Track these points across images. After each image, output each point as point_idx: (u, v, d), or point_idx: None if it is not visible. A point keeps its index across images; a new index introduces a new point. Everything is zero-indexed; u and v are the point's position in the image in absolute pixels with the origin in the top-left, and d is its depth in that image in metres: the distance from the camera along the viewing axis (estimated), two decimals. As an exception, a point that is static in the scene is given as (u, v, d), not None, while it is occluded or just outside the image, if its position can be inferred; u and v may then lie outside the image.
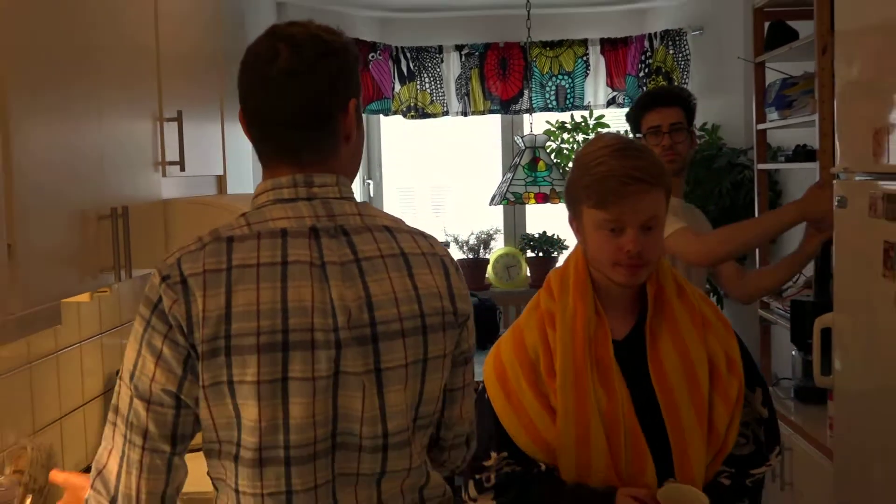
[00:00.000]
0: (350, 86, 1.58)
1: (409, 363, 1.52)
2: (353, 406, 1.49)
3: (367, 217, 1.57)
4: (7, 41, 1.58)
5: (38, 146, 1.68)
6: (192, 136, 2.51)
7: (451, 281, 1.60)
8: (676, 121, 3.15)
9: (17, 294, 1.58)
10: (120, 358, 2.92)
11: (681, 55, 5.86)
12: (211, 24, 2.83)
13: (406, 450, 1.54)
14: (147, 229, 2.26)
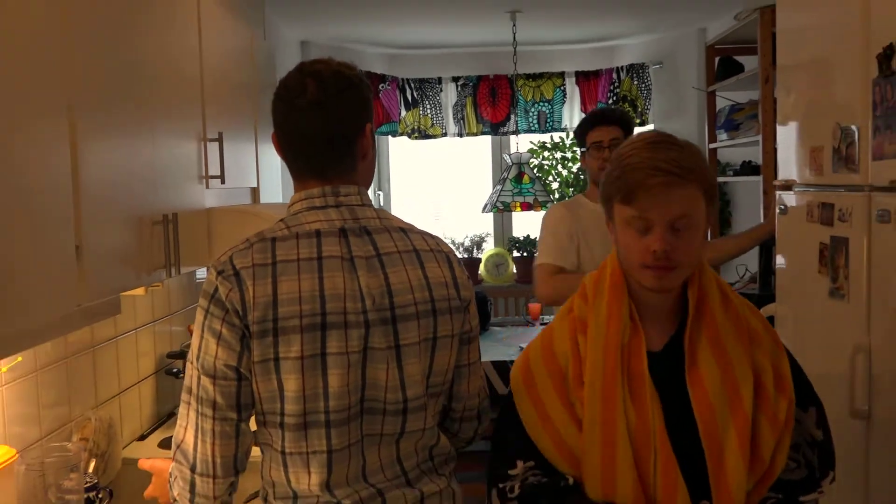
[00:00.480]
0: (365, 113, 1.61)
1: (421, 340, 1.54)
2: (379, 376, 1.50)
3: (384, 220, 1.61)
4: (78, 75, 1.57)
5: (102, 163, 1.67)
6: (230, 154, 2.51)
7: (454, 272, 1.62)
8: (615, 137, 3.06)
9: (83, 288, 1.58)
10: (169, 342, 2.93)
11: (644, 85, 5.86)
12: (246, 60, 2.82)
13: (421, 413, 1.55)
14: (193, 233, 2.25)
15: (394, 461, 1.55)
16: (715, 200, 1.53)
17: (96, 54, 1.68)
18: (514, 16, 4.92)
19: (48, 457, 1.93)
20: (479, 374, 1.72)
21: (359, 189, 1.60)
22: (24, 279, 1.38)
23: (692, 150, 1.50)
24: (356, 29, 5.32)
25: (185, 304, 3.13)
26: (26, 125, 1.40)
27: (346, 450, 1.50)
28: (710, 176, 1.51)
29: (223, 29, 2.59)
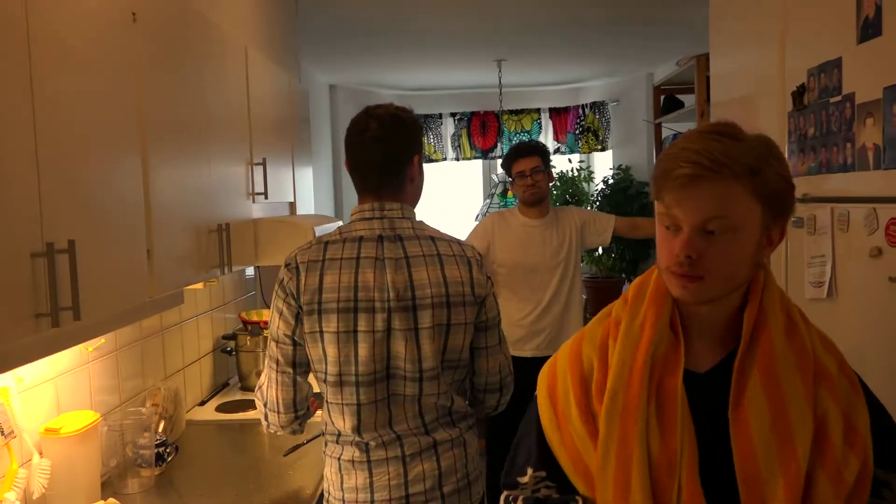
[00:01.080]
0: (414, 147, 1.67)
1: (434, 325, 1.58)
2: (399, 350, 1.57)
3: (417, 230, 1.65)
4: (149, 116, 1.56)
5: (168, 182, 1.67)
6: (272, 174, 2.50)
7: (472, 273, 1.63)
8: (535, 165, 3.03)
9: (152, 284, 1.57)
10: (223, 326, 2.92)
11: (604, 118, 5.85)
12: (285, 100, 2.81)
13: (435, 381, 1.59)
14: (241, 239, 2.24)
15: (416, 415, 1.60)
16: (783, 210, 1.03)
17: (164, 98, 1.67)
18: (500, 64, 4.91)
19: (126, 419, 1.93)
20: (498, 355, 1.71)
21: (402, 205, 1.66)
22: (107, 277, 1.37)
23: (749, 145, 0.99)
24: (374, 75, 5.31)
25: (236, 295, 3.11)
26: (108, 155, 1.39)
27: (374, 404, 1.58)
28: (775, 179, 1.00)
29: (266, 75, 2.58)
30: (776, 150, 1.03)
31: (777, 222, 1.03)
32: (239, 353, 2.82)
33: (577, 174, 5.83)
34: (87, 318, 1.24)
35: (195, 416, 2.53)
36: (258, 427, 2.44)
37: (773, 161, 1.01)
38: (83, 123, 1.30)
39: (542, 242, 3.05)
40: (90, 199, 1.32)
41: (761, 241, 1.04)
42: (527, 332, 3.02)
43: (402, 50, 4.48)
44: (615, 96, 5.81)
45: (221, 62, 2.11)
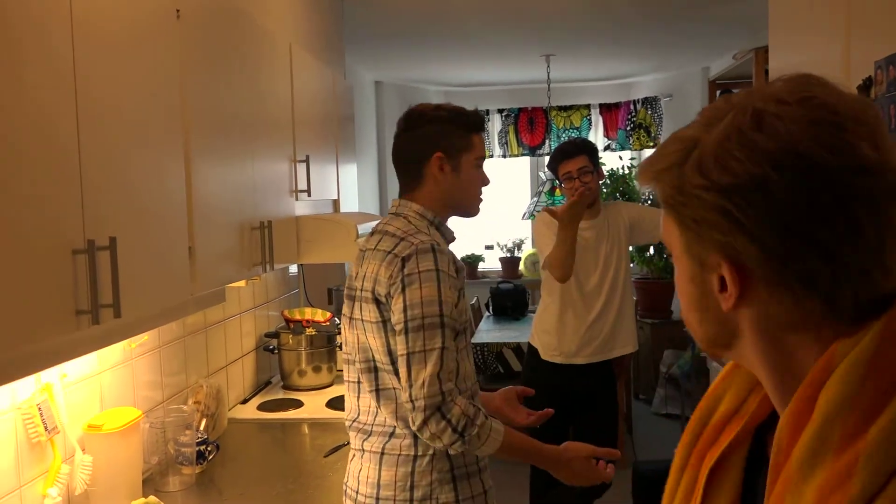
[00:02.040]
0: (432, 144, 1.65)
1: (354, 318, 1.63)
2: (349, 336, 1.66)
3: (386, 225, 1.65)
4: (192, 112, 1.58)
5: (210, 180, 1.68)
6: (315, 172, 2.51)
7: (381, 269, 1.56)
8: (583, 166, 2.89)
9: (194, 281, 1.58)
10: (267, 324, 2.94)
11: (656, 114, 5.75)
12: (329, 96, 2.82)
13: (365, 375, 1.62)
14: (284, 236, 2.25)
15: (364, 405, 1.66)
16: (711, 238, 0.65)
17: (207, 95, 1.69)
18: (549, 59, 4.86)
19: (168, 416, 1.95)
20: (403, 367, 1.50)
21: (401, 202, 1.68)
22: (148, 274, 1.38)
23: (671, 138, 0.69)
24: (420, 71, 5.31)
25: (279, 293, 3.14)
26: (151, 152, 1.41)
27: (348, 384, 1.70)
28: (679, 173, 0.66)
29: (311, 71, 2.60)
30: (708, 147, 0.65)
31: (687, 240, 0.68)
32: (281, 351, 2.84)
33: (629, 172, 5.74)
34: (127, 316, 1.26)
35: (237, 414, 2.55)
36: (300, 426, 2.46)
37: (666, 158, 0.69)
38: (126, 119, 1.32)
39: (597, 246, 2.96)
40: (132, 195, 1.33)
41: (702, 279, 0.68)
42: (579, 340, 2.96)
43: (448, 45, 4.47)
44: (668, 91, 5.70)
45: (265, 60, 2.13)
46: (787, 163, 0.61)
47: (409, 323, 1.50)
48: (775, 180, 0.61)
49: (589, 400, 2.97)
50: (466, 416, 1.50)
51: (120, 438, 1.73)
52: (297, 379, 2.82)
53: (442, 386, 1.48)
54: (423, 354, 1.49)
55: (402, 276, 1.52)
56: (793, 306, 0.63)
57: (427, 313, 1.50)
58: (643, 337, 5.32)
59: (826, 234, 0.61)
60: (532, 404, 1.92)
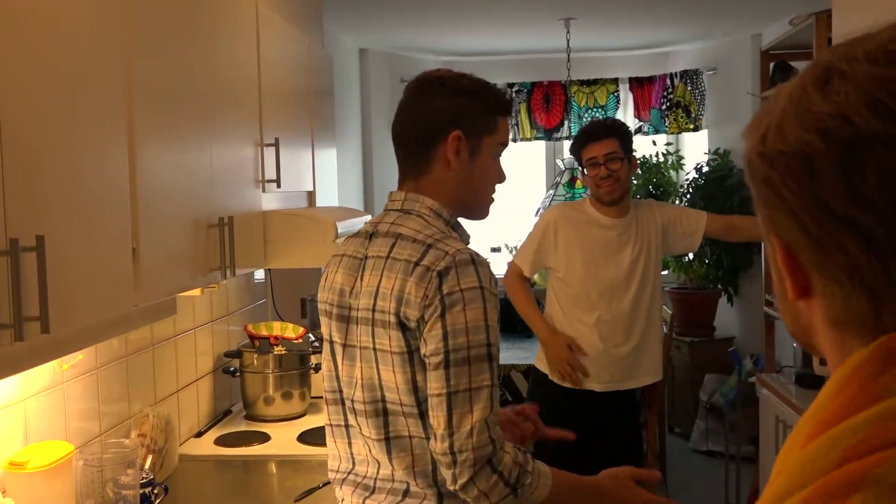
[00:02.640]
0: (449, 118, 1.58)
1: (362, 346, 1.56)
2: (338, 366, 1.62)
3: (393, 225, 1.58)
4: (136, 83, 1.57)
5: (159, 167, 1.68)
6: (286, 158, 2.51)
7: (407, 285, 1.48)
8: (610, 150, 2.90)
9: (139, 289, 1.58)
10: (226, 342, 2.94)
11: (697, 91, 5.76)
12: (303, 68, 2.83)
13: (370, 420, 1.57)
14: (249, 235, 2.25)
15: (374, 456, 1.62)
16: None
17: (155, 62, 1.69)
18: (569, 23, 4.86)
19: (106, 452, 1.95)
20: (441, 410, 1.44)
21: (407, 195, 1.61)
22: (82, 280, 1.38)
23: None
24: (413, 37, 5.32)
25: (242, 304, 3.14)
26: (84, 130, 1.41)
27: (332, 428, 1.67)
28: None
29: (281, 37, 2.60)
30: None
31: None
32: (244, 374, 2.84)
33: (664, 160, 5.75)
34: (57, 331, 1.25)
35: (190, 449, 2.55)
36: (266, 465, 2.46)
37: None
38: (54, 94, 1.31)
39: (619, 250, 2.96)
40: (64, 186, 1.33)
41: (775, 261, 0.72)
42: (596, 361, 2.96)
43: (446, 5, 4.47)
44: (712, 64, 5.71)
45: (227, 23, 2.13)
46: (835, 130, 0.61)
47: (450, 355, 1.43)
48: (819, 150, 0.62)
49: (607, 431, 2.97)
50: (518, 465, 1.46)
51: (47, 479, 1.73)
52: (263, 408, 2.82)
53: (491, 432, 1.44)
54: (468, 394, 1.43)
55: (441, 295, 1.44)
56: (842, 303, 0.64)
57: (473, 342, 1.44)
58: (680, 358, 5.33)
59: (869, 219, 0.60)
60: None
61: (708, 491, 4.53)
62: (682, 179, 5.79)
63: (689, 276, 5.51)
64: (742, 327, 5.51)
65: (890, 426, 0.58)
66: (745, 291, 5.47)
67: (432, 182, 1.61)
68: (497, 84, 1.59)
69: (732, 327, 5.57)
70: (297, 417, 2.84)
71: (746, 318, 5.43)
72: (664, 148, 5.84)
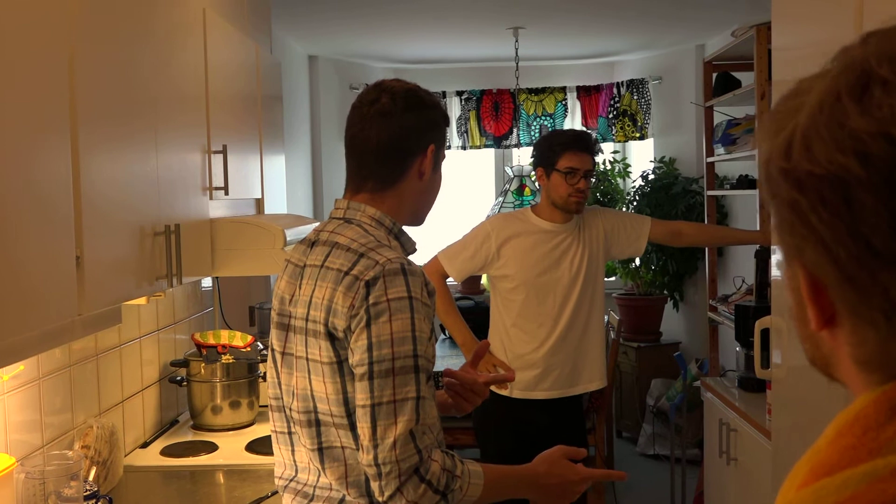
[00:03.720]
0: (431, 133, 1.62)
1: (297, 356, 1.56)
2: (279, 374, 1.62)
3: (332, 234, 1.58)
4: (81, 87, 1.55)
5: (103, 173, 1.65)
6: (235, 165, 2.49)
7: (335, 295, 1.48)
8: (590, 168, 2.95)
9: (83, 298, 1.55)
10: (173, 351, 2.90)
11: (643, 100, 5.84)
12: (251, 74, 2.81)
13: (305, 430, 1.57)
14: (196, 243, 2.23)
15: (311, 462, 1.62)
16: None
17: (99, 67, 1.66)
18: (517, 32, 4.90)
19: (48, 464, 1.91)
20: (366, 421, 1.44)
21: (349, 203, 1.61)
22: (23, 289, 1.35)
23: None
24: (363, 44, 5.31)
25: (189, 312, 3.10)
26: (27, 135, 1.38)
27: (277, 435, 1.66)
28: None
29: (229, 43, 2.58)
30: None
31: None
32: (191, 383, 2.80)
33: (611, 168, 5.82)
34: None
35: (135, 460, 2.51)
36: (213, 475, 2.43)
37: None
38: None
39: (563, 257, 2.98)
40: (3, 193, 1.30)
41: (796, 285, 0.67)
42: (537, 369, 2.97)
43: (397, 14, 4.48)
44: (657, 73, 5.81)
45: (173, 28, 2.11)
46: (879, 152, 0.52)
47: (374, 366, 1.43)
48: (859, 176, 0.53)
49: (552, 437, 2.99)
50: (446, 472, 1.46)
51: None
52: (211, 417, 2.79)
53: (417, 443, 1.43)
54: (392, 406, 1.42)
55: (367, 305, 1.44)
56: (877, 346, 0.57)
57: (399, 353, 1.43)
58: (627, 364, 5.40)
59: None
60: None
61: (654, 494, 4.59)
62: (629, 187, 5.87)
63: (635, 282, 5.59)
64: (688, 332, 5.61)
65: (881, 487, 0.53)
66: (690, 297, 5.57)
67: (398, 194, 1.61)
68: (445, 92, 1.62)
69: (678, 332, 5.66)
70: (246, 426, 2.81)
71: (692, 324, 5.53)
72: (611, 156, 5.92)
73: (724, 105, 4.10)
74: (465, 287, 6.12)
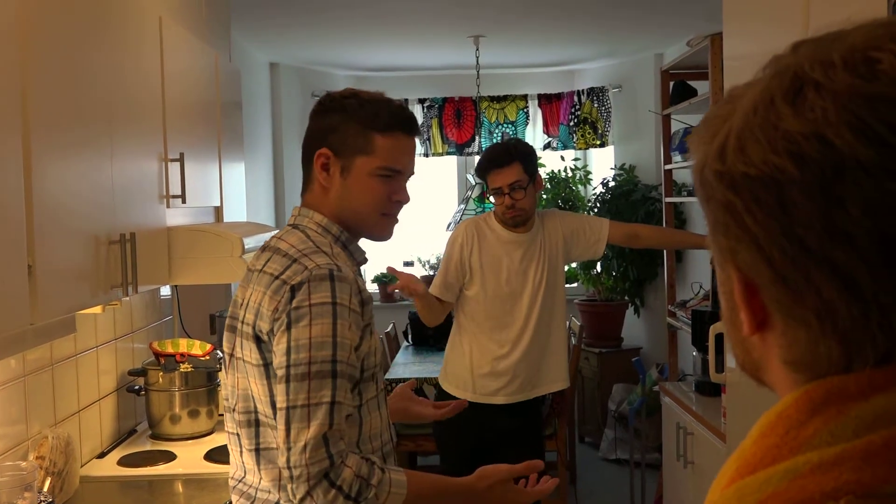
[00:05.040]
0: (319, 137, 1.61)
1: (235, 357, 1.59)
2: (226, 377, 1.64)
3: (277, 240, 1.61)
4: (33, 93, 1.54)
5: (56, 179, 1.65)
6: (192, 173, 2.48)
7: (263, 298, 1.51)
8: (515, 180, 2.90)
9: (35, 307, 1.54)
10: (131, 360, 2.88)
11: (604, 108, 5.91)
12: (209, 81, 2.80)
13: (244, 429, 1.58)
14: (152, 252, 2.22)
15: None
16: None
17: (53, 72, 1.66)
18: (478, 40, 4.94)
19: (2, 475, 1.89)
20: (281, 424, 1.45)
21: (300, 210, 1.64)
22: (-28, 299, 1.35)
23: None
24: (324, 52, 5.31)
25: (148, 321, 3.08)
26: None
27: (229, 436, 1.68)
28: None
29: (186, 50, 2.57)
30: None
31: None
32: (150, 392, 2.78)
33: (572, 174, 5.87)
34: (-55, 351, 1.22)
35: (92, 471, 2.48)
36: (171, 484, 2.41)
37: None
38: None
39: (524, 264, 3.00)
40: (-47, 202, 1.29)
41: (728, 289, 0.69)
42: (499, 375, 2.99)
43: (359, 21, 4.49)
44: (617, 81, 5.87)
45: (129, 35, 2.10)
46: (811, 154, 0.54)
47: (291, 369, 1.44)
48: (793, 176, 0.54)
49: (510, 437, 3.01)
50: (360, 479, 1.44)
51: (-63, 504, 1.66)
52: (169, 426, 2.77)
53: (329, 448, 1.42)
54: (306, 410, 1.43)
55: (290, 308, 1.45)
56: (806, 347, 0.58)
57: (316, 358, 1.43)
58: (589, 369, 5.44)
59: (849, 258, 0.54)
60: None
61: (615, 498, 4.63)
62: (590, 193, 5.92)
63: (597, 288, 5.64)
64: (649, 338, 5.67)
65: (800, 484, 0.54)
66: (650, 303, 5.63)
67: (313, 197, 1.64)
68: (407, 99, 1.62)
69: (640, 338, 5.72)
70: (205, 435, 2.79)
71: (652, 329, 5.59)
72: (572, 163, 5.97)
73: (680, 113, 4.16)
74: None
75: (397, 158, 1.62)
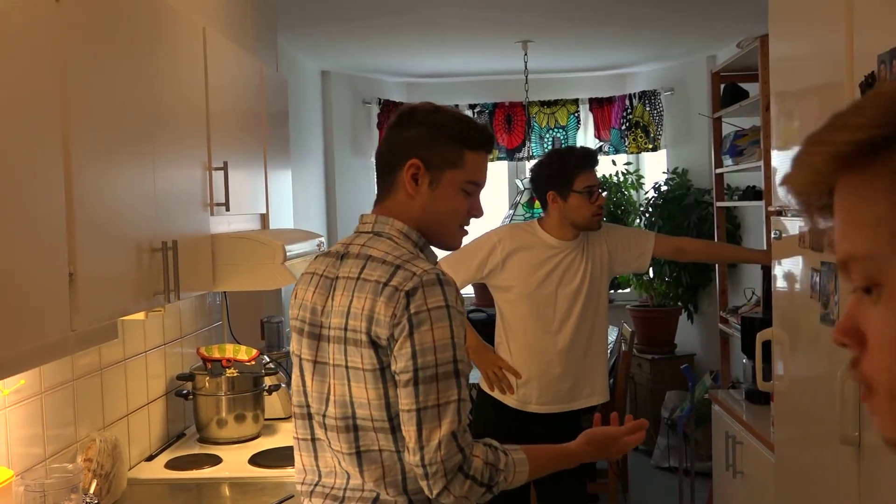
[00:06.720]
0: (412, 147, 1.66)
1: (335, 364, 1.62)
2: (307, 382, 1.70)
3: (364, 248, 1.65)
4: (75, 103, 1.58)
5: (97, 190, 1.68)
6: (237, 181, 2.51)
7: (375, 305, 1.55)
8: (599, 181, 3.02)
9: (76, 314, 1.58)
10: (180, 365, 2.93)
11: (655, 111, 5.84)
12: (255, 91, 2.84)
13: (340, 435, 1.63)
14: (196, 258, 2.26)
15: (341, 468, 1.69)
16: None
17: (93, 85, 1.69)
18: (526, 45, 4.92)
19: (48, 477, 1.94)
20: (411, 424, 1.53)
21: (377, 218, 1.69)
22: (14, 304, 1.38)
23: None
24: (375, 59, 5.36)
25: (197, 326, 3.13)
26: (18, 150, 1.41)
27: (299, 442, 1.74)
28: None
29: (231, 61, 2.61)
30: None
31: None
32: (197, 396, 2.83)
33: (624, 179, 5.81)
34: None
35: (140, 473, 2.53)
36: (218, 487, 2.45)
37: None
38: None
39: (566, 272, 2.96)
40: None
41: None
42: (536, 382, 2.97)
43: (408, 28, 4.52)
44: (669, 85, 5.80)
45: (172, 47, 2.14)
46: None
47: (419, 373, 1.52)
48: None
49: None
50: (490, 465, 1.57)
51: (-15, 505, 1.71)
52: (216, 430, 2.81)
53: (460, 442, 1.53)
54: (436, 410, 1.52)
55: (409, 314, 1.52)
56: None
57: (441, 360, 1.52)
58: (642, 375, 5.37)
59: None
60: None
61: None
62: (642, 198, 5.85)
63: (649, 293, 5.57)
64: (702, 344, 5.57)
65: None
66: (704, 308, 5.53)
67: (396, 205, 1.69)
68: (458, 105, 1.65)
69: (693, 344, 5.63)
70: (251, 440, 2.83)
71: (706, 335, 5.49)
72: (624, 167, 5.91)
73: (731, 116, 4.09)
74: (479, 299, 6.13)
75: (481, 174, 1.72)
